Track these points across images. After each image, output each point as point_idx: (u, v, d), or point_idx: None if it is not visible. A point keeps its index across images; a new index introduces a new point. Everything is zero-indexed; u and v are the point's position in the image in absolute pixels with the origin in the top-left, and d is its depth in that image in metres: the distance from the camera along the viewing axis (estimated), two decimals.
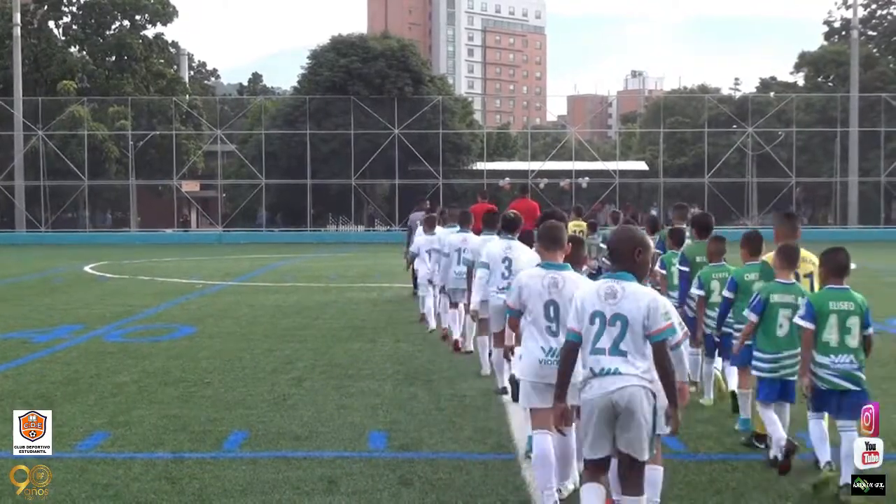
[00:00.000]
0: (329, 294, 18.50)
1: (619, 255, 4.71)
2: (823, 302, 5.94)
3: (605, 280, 4.67)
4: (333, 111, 51.41)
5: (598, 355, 4.56)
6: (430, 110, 51.22)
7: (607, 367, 4.53)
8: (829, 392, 5.91)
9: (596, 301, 4.60)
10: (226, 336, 12.55)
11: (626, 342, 4.53)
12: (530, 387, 5.59)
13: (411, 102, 51.11)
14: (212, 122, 55.29)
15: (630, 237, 4.74)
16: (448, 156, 52.15)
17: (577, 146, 59.85)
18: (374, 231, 53.38)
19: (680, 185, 57.49)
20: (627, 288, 4.58)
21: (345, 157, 49.99)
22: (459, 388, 8.96)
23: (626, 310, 4.53)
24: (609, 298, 4.57)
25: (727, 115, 55.20)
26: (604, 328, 4.56)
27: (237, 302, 17.05)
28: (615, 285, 4.60)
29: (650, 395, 4.53)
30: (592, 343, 4.58)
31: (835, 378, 5.89)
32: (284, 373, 9.78)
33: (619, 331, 4.53)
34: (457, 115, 55.48)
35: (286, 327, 13.44)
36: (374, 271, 24.84)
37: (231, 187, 55.89)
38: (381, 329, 13.23)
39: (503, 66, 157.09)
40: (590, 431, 4.59)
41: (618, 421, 4.51)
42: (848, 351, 5.89)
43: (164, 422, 7.58)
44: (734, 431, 7.29)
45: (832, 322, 5.91)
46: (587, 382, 4.60)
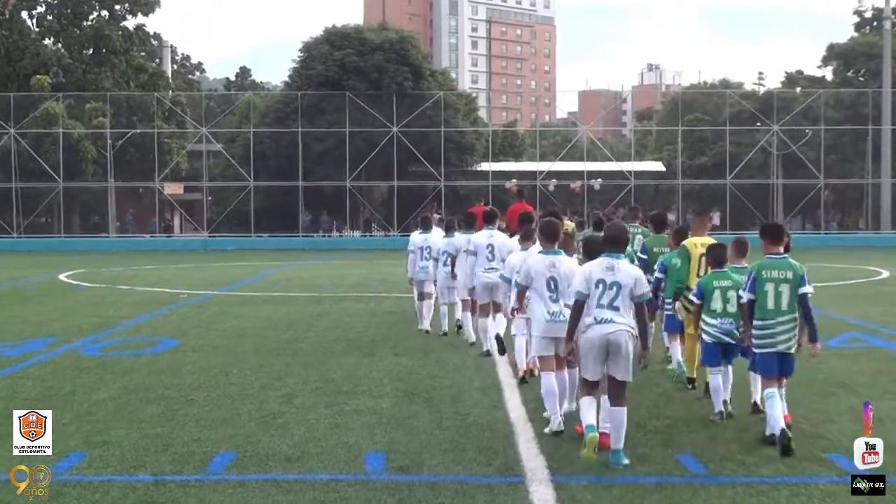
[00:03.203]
0: (322, 305, 18.50)
1: (616, 241, 7.40)
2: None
3: (606, 258, 7.32)
4: (327, 108, 51.47)
5: (600, 308, 7.21)
6: (432, 107, 51.24)
7: (605, 316, 7.18)
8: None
9: (599, 272, 7.26)
10: (211, 350, 12.56)
11: (619, 301, 7.18)
12: (538, 340, 8.27)
13: (411, 98, 51.15)
14: (196, 119, 55.37)
15: (624, 230, 7.72)
16: (450, 156, 52.17)
17: (588, 145, 59.90)
18: (370, 237, 53.41)
19: (699, 186, 57.47)
20: (622, 265, 7.30)
21: (339, 157, 50.03)
22: (463, 406, 8.96)
23: (620, 279, 7.21)
24: (609, 271, 7.24)
25: (750, 112, 55.22)
26: (604, 291, 7.20)
27: (223, 313, 17.06)
28: (613, 262, 7.28)
29: (632, 337, 7.21)
30: (596, 300, 7.23)
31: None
32: (274, 389, 9.78)
33: (614, 293, 7.19)
34: (460, 112, 55.54)
35: (276, 340, 13.46)
36: (370, 280, 24.84)
37: (217, 189, 55.93)
38: (379, 342, 13.25)
39: (509, 59, 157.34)
40: (589, 360, 7.21)
41: (609, 354, 7.14)
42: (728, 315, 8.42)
43: (145, 442, 7.58)
44: (758, 452, 7.28)
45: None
46: (590, 327, 7.20)
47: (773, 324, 7.61)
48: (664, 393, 9.62)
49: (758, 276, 7.69)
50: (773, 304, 7.61)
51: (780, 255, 7.75)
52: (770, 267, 7.71)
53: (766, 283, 7.64)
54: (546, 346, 8.19)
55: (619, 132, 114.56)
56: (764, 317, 7.65)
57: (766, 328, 7.64)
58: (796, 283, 7.60)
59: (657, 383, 10.10)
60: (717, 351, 8.54)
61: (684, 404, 9.03)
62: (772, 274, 7.65)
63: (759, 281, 7.68)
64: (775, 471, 6.85)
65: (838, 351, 12.35)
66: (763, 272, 7.68)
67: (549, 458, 7.11)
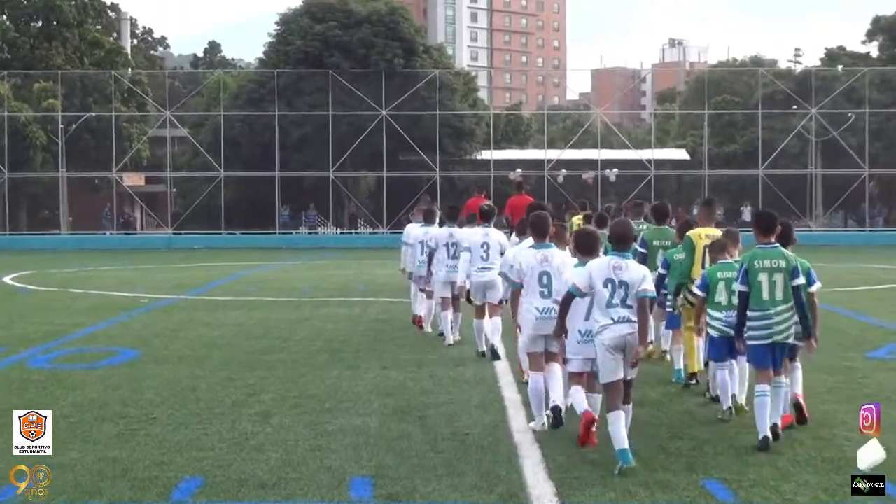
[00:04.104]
0: (302, 310, 18.54)
1: (623, 239, 8.03)
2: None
3: (612, 258, 7.91)
4: (307, 88, 51.48)
5: (614, 308, 7.76)
6: (425, 87, 51.28)
7: (623, 315, 7.73)
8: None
9: (608, 272, 7.81)
10: (176, 362, 12.55)
11: (630, 299, 7.77)
12: (528, 338, 9.02)
13: (402, 78, 51.19)
14: (159, 101, 55.37)
15: (630, 227, 8.35)
16: (447, 142, 52.23)
17: (603, 131, 59.95)
18: (356, 234, 53.42)
19: (728, 177, 57.59)
20: (630, 264, 7.91)
21: (321, 143, 50.04)
22: (460, 425, 8.97)
23: (629, 278, 7.79)
24: (617, 270, 7.80)
25: (785, 94, 55.28)
26: (615, 290, 7.77)
27: (190, 320, 17.08)
28: (621, 262, 7.86)
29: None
30: (608, 300, 7.77)
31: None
32: (247, 406, 9.78)
33: (625, 292, 7.77)
34: (457, 94, 55.58)
35: (249, 351, 13.46)
36: (356, 282, 24.84)
37: (183, 180, 55.93)
38: (365, 353, 13.26)
39: (513, 33, 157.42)
40: (608, 362, 7.75)
41: (626, 355, 7.73)
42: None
43: (101, 466, 7.57)
44: (795, 477, 7.29)
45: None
46: (608, 327, 7.73)
47: (769, 314, 8.29)
48: (687, 411, 9.63)
49: (749, 268, 8.37)
50: (768, 295, 8.30)
51: (771, 244, 8.43)
52: (761, 257, 8.37)
53: (759, 273, 8.33)
54: (535, 344, 8.97)
55: (638, 116, 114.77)
56: (758, 308, 8.32)
57: (761, 319, 8.32)
58: (789, 273, 8.31)
59: (680, 401, 10.11)
60: (723, 345, 9.12)
61: (710, 424, 9.03)
62: (763, 264, 8.33)
63: (752, 272, 8.35)
64: (814, 498, 6.85)
65: (884, 363, 12.38)
66: (755, 262, 8.36)
67: (559, 485, 7.10)
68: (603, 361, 7.77)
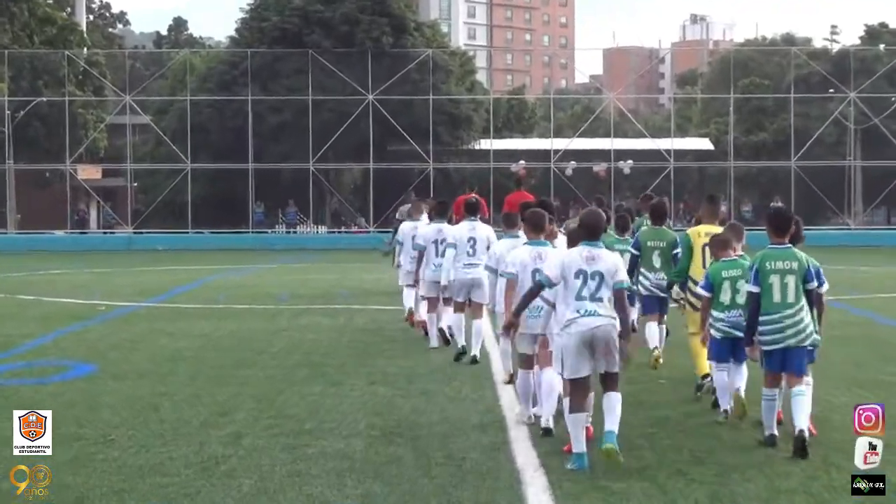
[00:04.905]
0: (278, 320, 18.61)
1: (594, 230, 8.64)
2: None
3: (585, 247, 8.51)
4: (284, 70, 51.49)
5: (582, 301, 8.38)
6: (417, 69, 51.31)
7: (590, 309, 8.34)
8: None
9: (579, 262, 8.44)
10: (136, 377, 12.55)
11: (602, 291, 8.38)
12: (519, 337, 9.70)
13: (391, 58, 51.23)
14: (118, 84, 55.35)
15: (601, 217, 8.94)
16: (441, 131, 52.27)
17: (616, 118, 60.05)
18: (339, 233, 53.39)
19: (756, 170, 57.68)
20: (602, 253, 8.50)
21: (300, 132, 50.05)
22: (456, 447, 8.97)
23: (602, 268, 8.41)
24: (590, 261, 8.42)
25: (821, 76, 55.44)
26: (585, 282, 8.39)
27: (153, 330, 17.11)
28: (593, 251, 8.48)
29: (615, 329, 8.40)
30: (577, 292, 8.39)
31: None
32: (217, 427, 9.78)
33: (597, 283, 8.38)
34: (453, 76, 55.68)
35: (219, 365, 13.48)
36: (339, 288, 24.88)
37: (145, 174, 55.87)
38: (350, 367, 13.28)
39: (515, 8, 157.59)
40: (571, 356, 8.35)
41: (595, 350, 8.33)
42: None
43: (53, 494, 7.54)
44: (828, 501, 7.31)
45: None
46: (573, 321, 8.35)
47: (779, 318, 8.78)
48: (713, 434, 9.62)
49: (761, 268, 8.84)
50: (780, 297, 8.79)
51: (784, 244, 8.91)
52: (773, 258, 8.86)
53: (771, 274, 8.81)
54: (528, 344, 9.75)
55: (656, 101, 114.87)
56: (770, 310, 8.81)
57: (772, 322, 8.81)
58: (802, 275, 8.81)
59: (704, 422, 10.09)
60: (725, 347, 9.77)
61: (738, 448, 9.02)
62: (776, 265, 8.82)
63: (763, 273, 8.82)
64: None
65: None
66: (766, 263, 8.83)
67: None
68: (567, 356, 8.39)
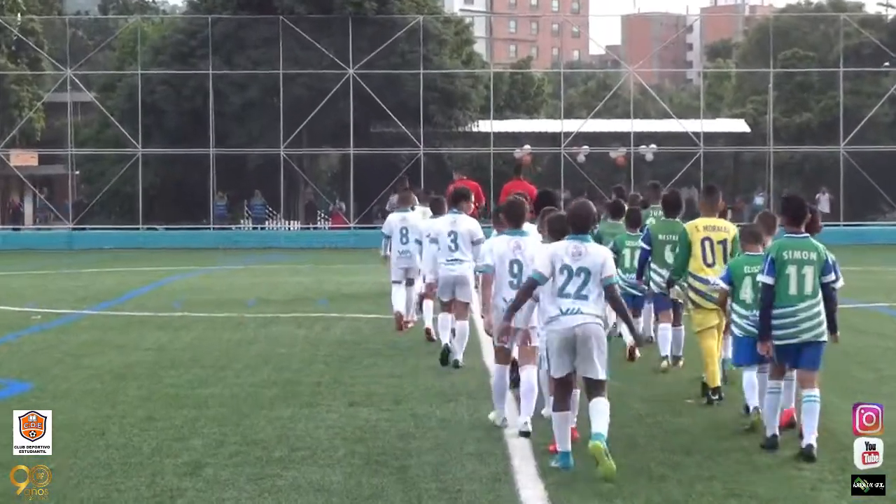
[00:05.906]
0: (245, 330, 18.63)
1: (582, 223, 9.36)
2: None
3: (571, 241, 9.24)
4: (251, 39, 51.39)
5: (565, 298, 9.15)
6: (405, 39, 51.24)
7: (572, 307, 9.09)
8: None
9: (565, 257, 9.17)
10: (79, 397, 12.57)
11: (588, 288, 9.13)
12: (496, 331, 10.45)
13: (375, 26, 51.12)
14: (58, 56, 55.26)
15: (590, 209, 9.61)
16: (433, 110, 52.17)
17: (637, 95, 60.10)
18: (314, 229, 53.29)
19: (800, 155, 57.63)
20: (589, 248, 9.24)
21: (270, 112, 50.00)
22: (450, 477, 8.98)
23: (589, 263, 9.15)
24: (576, 256, 9.14)
25: (874, 47, 55.48)
26: (570, 279, 9.13)
27: (98, 342, 17.10)
28: (580, 246, 9.20)
29: (602, 328, 9.20)
30: (560, 288, 9.17)
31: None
32: (172, 455, 9.78)
33: (582, 280, 9.12)
34: (447, 47, 55.59)
35: (175, 383, 13.47)
36: (315, 293, 24.91)
37: (89, 160, 55.71)
38: (327, 385, 13.29)
39: None
40: (553, 355, 9.22)
41: (577, 350, 9.09)
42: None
43: None
44: None
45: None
46: (555, 318, 9.16)
47: (794, 311, 9.55)
48: (747, 459, 9.66)
49: (777, 258, 9.59)
50: (796, 289, 9.55)
51: (801, 234, 9.70)
52: (791, 247, 9.64)
53: (788, 265, 9.56)
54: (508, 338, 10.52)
55: (683, 76, 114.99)
56: (784, 303, 9.57)
57: (787, 316, 9.58)
58: (820, 266, 9.55)
59: (739, 447, 10.09)
60: (749, 346, 10.33)
61: (776, 479, 9.04)
62: (793, 255, 9.58)
63: (779, 263, 9.57)
64: None
65: None
66: (783, 253, 9.60)
67: None
68: (551, 354, 9.31)
